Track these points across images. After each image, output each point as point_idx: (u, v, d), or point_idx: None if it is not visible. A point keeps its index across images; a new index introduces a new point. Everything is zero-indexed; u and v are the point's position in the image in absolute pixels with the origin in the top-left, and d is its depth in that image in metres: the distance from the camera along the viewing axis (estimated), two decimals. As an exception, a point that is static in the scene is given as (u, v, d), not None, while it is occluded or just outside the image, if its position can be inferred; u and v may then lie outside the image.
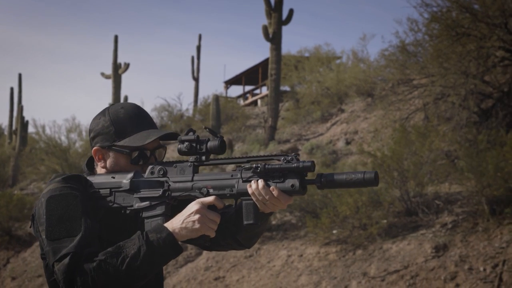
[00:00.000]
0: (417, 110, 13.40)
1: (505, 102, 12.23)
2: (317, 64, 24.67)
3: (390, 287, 8.89)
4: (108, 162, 2.52)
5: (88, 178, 2.50)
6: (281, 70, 25.84)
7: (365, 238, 10.25)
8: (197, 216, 2.27)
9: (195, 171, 2.44)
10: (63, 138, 22.74)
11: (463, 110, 11.86)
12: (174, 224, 2.29)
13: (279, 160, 2.29)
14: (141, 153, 2.52)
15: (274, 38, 17.53)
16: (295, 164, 2.24)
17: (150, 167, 2.47)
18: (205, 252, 12.26)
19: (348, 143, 15.84)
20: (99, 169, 2.57)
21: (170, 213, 2.41)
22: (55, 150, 21.65)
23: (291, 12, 17.86)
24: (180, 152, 2.45)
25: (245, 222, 2.34)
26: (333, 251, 10.37)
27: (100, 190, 2.46)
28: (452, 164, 11.15)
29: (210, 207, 2.32)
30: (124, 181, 2.45)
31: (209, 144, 2.41)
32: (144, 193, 2.44)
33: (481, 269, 8.54)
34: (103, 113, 2.57)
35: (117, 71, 23.32)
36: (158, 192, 2.42)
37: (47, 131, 22.88)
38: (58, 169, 20.87)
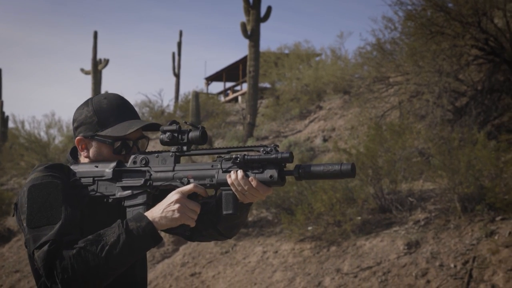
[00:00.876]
0: (393, 108, 13.52)
1: (479, 100, 12.38)
2: (297, 61, 24.77)
3: (362, 283, 9.00)
4: (91, 152, 2.57)
5: (71, 167, 2.55)
6: (260, 67, 25.96)
7: (339, 235, 10.35)
8: (176, 206, 2.30)
9: (177, 161, 2.48)
10: (42, 133, 22.67)
11: (437, 108, 12.00)
12: (154, 213, 2.32)
13: (258, 151, 2.34)
14: (123, 143, 2.56)
15: (252, 35, 17.60)
16: (274, 155, 2.28)
17: (132, 156, 2.53)
18: (181, 248, 12.31)
19: (325, 140, 15.94)
20: (82, 159, 2.61)
21: (152, 202, 2.45)
22: (35, 145, 21.60)
23: (269, 9, 17.93)
24: (162, 142, 2.50)
25: (224, 212, 2.39)
26: (308, 247, 10.47)
27: (83, 179, 2.51)
28: (427, 161, 11.28)
29: (191, 196, 2.36)
30: (107, 170, 2.50)
31: (191, 134, 2.46)
32: (126, 182, 2.49)
33: (452, 265, 8.66)
34: (86, 103, 2.61)
35: (97, 67, 23.27)
36: (140, 182, 2.46)
37: (27, 126, 22.79)
38: (37, 164, 20.82)
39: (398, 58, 13.14)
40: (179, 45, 33.08)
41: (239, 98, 31.16)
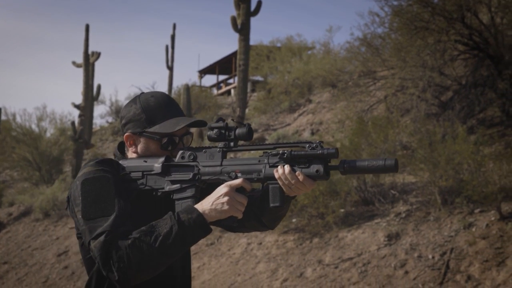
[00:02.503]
0: (378, 102, 13.66)
1: (463, 95, 12.52)
2: (288, 55, 24.86)
3: (342, 274, 9.16)
4: (139, 147, 2.69)
5: (120, 161, 2.68)
6: (252, 60, 26.06)
7: (322, 226, 10.51)
8: (226, 198, 2.42)
9: (224, 156, 2.59)
10: (33, 126, 22.74)
11: (421, 102, 12.14)
12: (204, 205, 2.44)
13: (303, 147, 2.43)
14: (170, 139, 2.66)
15: (243, 29, 17.69)
16: (320, 151, 2.39)
17: (180, 152, 2.64)
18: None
19: (313, 133, 16.08)
20: (130, 154, 2.73)
21: (200, 196, 2.57)
22: (26, 138, 21.69)
23: (259, 3, 18.00)
24: (210, 138, 2.60)
25: (271, 205, 2.50)
26: (291, 239, 10.62)
27: (132, 173, 2.63)
28: (411, 155, 11.42)
29: (238, 190, 2.47)
30: (156, 164, 2.61)
31: (238, 131, 2.56)
32: (175, 176, 2.60)
33: (430, 256, 8.82)
34: (134, 101, 2.72)
35: (88, 60, 23.33)
36: (188, 176, 2.58)
37: (18, 119, 22.86)
38: (28, 157, 20.90)
39: (384, 53, 13.27)
40: (173, 38, 33.03)
41: (232, 91, 31.26)
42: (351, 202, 10.93)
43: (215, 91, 34.02)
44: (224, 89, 33.69)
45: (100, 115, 57.93)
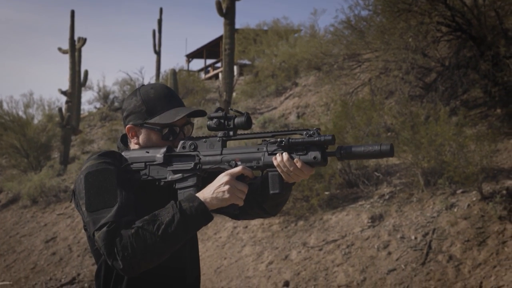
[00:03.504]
0: (363, 85, 13.72)
1: (446, 76, 12.59)
2: (275, 38, 24.84)
3: (326, 256, 9.26)
4: (141, 139, 2.74)
5: (123, 153, 2.74)
6: (239, 44, 26.02)
7: (306, 209, 10.60)
8: (226, 187, 2.47)
9: (224, 145, 2.64)
10: (20, 113, 22.67)
11: (405, 84, 12.21)
12: (205, 194, 2.48)
13: (301, 135, 2.48)
14: (171, 129, 2.72)
15: (228, 13, 17.64)
16: (317, 138, 2.43)
17: (181, 142, 2.69)
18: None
19: (299, 117, 16.14)
20: (133, 145, 2.78)
21: (201, 184, 2.62)
22: (13, 125, 21.63)
23: (244, -13, 17.97)
24: (209, 128, 2.65)
25: (271, 192, 2.55)
26: (276, 222, 10.71)
27: (134, 164, 2.68)
28: (395, 137, 11.50)
29: (238, 178, 2.51)
30: (158, 155, 2.66)
31: (237, 120, 2.62)
32: (177, 166, 2.65)
33: (412, 237, 8.93)
34: (134, 93, 2.77)
35: (74, 46, 23.25)
36: (190, 165, 2.63)
37: (5, 106, 22.77)
38: (16, 144, 20.86)
39: (368, 35, 13.30)
40: (160, 22, 32.92)
41: (220, 75, 31.24)
42: (335, 184, 11.02)
43: (203, 75, 33.99)
44: (212, 73, 33.66)
45: (88, 101, 57.71)
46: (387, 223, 9.46)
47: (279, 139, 2.51)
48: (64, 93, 22.85)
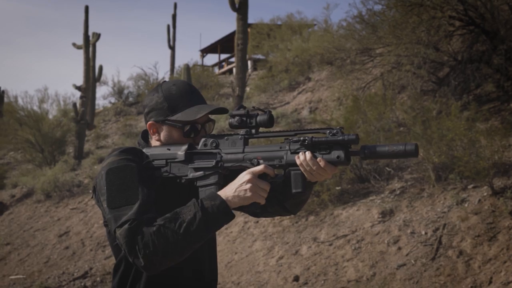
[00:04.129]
0: (375, 79, 13.67)
1: (459, 70, 12.52)
2: (288, 33, 24.81)
3: (336, 251, 9.26)
4: (162, 135, 2.74)
5: (144, 150, 2.73)
6: (253, 38, 26.02)
7: (317, 204, 10.59)
8: (248, 185, 2.46)
9: (246, 143, 2.63)
10: (35, 108, 22.82)
11: (417, 79, 12.16)
12: (227, 192, 2.48)
13: (324, 134, 2.47)
14: (192, 126, 2.71)
15: (241, 8, 17.64)
16: (341, 137, 2.42)
17: (203, 139, 2.69)
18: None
19: (311, 111, 16.11)
20: (154, 142, 2.79)
21: (223, 182, 2.62)
22: (28, 120, 21.78)
23: (257, -18, 17.96)
24: (231, 126, 2.65)
25: (293, 190, 2.54)
26: (287, 217, 10.71)
27: (156, 161, 2.68)
28: (407, 132, 11.46)
29: (260, 176, 2.51)
30: (179, 152, 2.66)
31: (259, 118, 2.61)
32: (198, 163, 2.64)
33: (423, 232, 8.90)
34: (156, 90, 2.76)
35: (88, 42, 23.36)
36: (211, 163, 2.62)
37: (20, 101, 22.94)
38: (31, 139, 21.01)
39: (380, 30, 13.26)
40: (174, 17, 33.03)
41: (234, 70, 31.26)
42: (346, 179, 11.00)
43: (217, 70, 34.03)
44: (226, 68, 33.68)
45: (103, 96, 57.99)
46: (397, 218, 9.44)
47: (302, 138, 2.50)
48: (78, 88, 22.99)
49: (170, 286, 2.65)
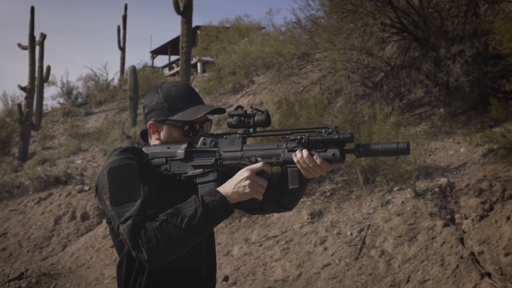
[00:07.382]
0: (312, 84, 13.98)
1: (392, 76, 12.91)
2: (235, 36, 25.02)
3: (266, 251, 9.50)
4: (162, 135, 2.83)
5: (144, 149, 2.83)
6: (202, 41, 26.17)
7: (250, 206, 10.81)
8: (247, 182, 2.56)
9: (244, 142, 2.73)
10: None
11: (351, 84, 12.50)
12: (226, 188, 2.58)
13: (320, 133, 2.58)
14: (191, 126, 2.80)
15: (185, 12, 17.80)
16: (336, 136, 2.54)
17: (202, 138, 2.78)
18: (104, 221, 12.67)
19: (253, 114, 16.32)
20: (153, 141, 2.88)
21: (221, 179, 2.71)
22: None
23: (201, -15, 18.13)
24: (230, 125, 2.75)
25: (290, 187, 2.65)
26: (221, 218, 10.91)
27: (155, 159, 2.77)
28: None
29: (258, 173, 2.60)
30: (179, 151, 2.75)
31: (257, 118, 2.71)
32: (198, 161, 2.74)
33: (348, 233, 9.20)
34: (156, 90, 2.85)
35: (34, 42, 23.22)
36: (210, 161, 2.72)
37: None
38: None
39: (316, 36, 13.57)
40: (124, 18, 32.98)
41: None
42: (280, 181, 11.23)
43: (167, 72, 34.07)
44: (176, 69, 33.71)
45: (52, 96, 57.33)
46: (325, 220, 9.73)
47: (299, 137, 2.61)
48: (23, 89, 22.81)
49: (170, 286, 2.78)
